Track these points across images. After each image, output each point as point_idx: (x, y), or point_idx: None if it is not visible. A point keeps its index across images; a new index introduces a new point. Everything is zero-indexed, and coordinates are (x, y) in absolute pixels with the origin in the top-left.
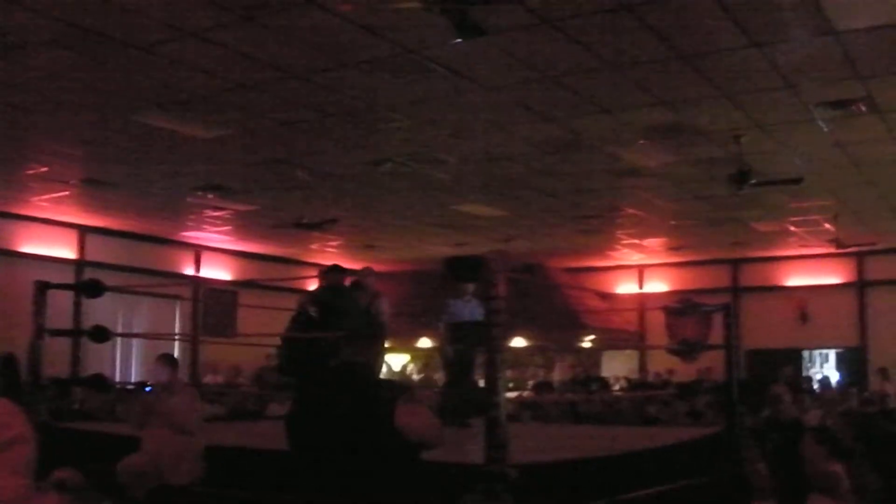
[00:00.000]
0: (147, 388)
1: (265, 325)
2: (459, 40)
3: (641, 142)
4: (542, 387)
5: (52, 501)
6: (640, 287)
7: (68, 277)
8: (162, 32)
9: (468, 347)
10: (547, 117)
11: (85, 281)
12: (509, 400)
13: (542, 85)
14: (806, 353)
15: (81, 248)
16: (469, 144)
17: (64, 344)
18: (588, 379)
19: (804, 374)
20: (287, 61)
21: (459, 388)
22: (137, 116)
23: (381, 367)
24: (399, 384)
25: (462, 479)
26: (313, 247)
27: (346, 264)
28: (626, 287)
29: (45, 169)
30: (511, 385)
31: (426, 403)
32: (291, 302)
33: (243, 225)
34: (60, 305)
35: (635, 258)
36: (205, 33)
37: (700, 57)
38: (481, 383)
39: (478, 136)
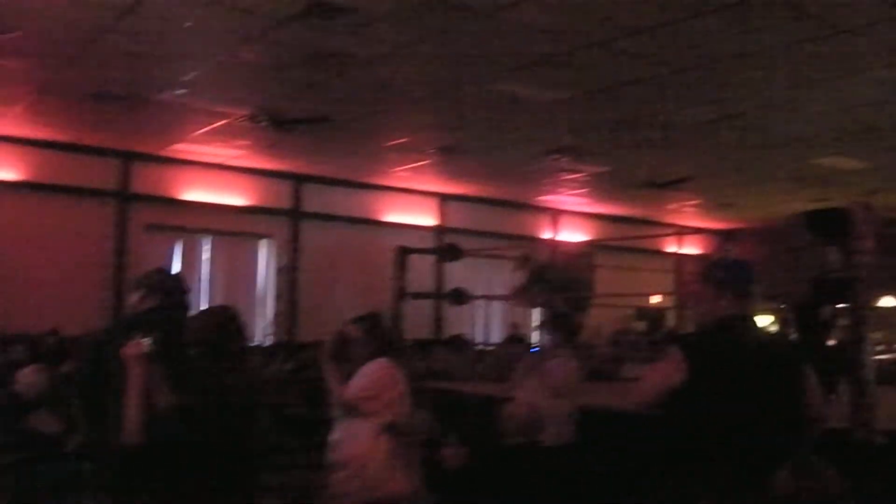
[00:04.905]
0: (532, 350)
1: (623, 287)
2: None
3: None
4: None
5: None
6: None
7: (429, 244)
8: None
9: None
10: None
11: (443, 246)
12: (878, 362)
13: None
14: None
15: (441, 215)
16: (824, 93)
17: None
18: None
19: None
20: (631, 17)
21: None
22: (487, 83)
23: None
24: None
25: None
26: (670, 207)
27: (703, 224)
28: None
29: (403, 140)
30: (880, 347)
31: None
32: (650, 263)
33: (598, 187)
34: (421, 271)
35: None
36: None
37: None
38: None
39: (832, 84)
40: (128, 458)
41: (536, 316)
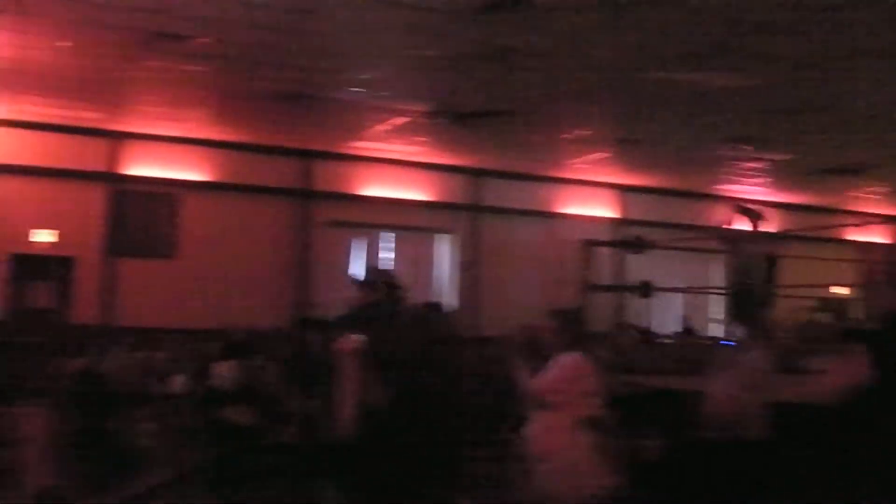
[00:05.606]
0: (723, 342)
1: (805, 277)
2: None
3: None
4: None
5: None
6: None
7: (606, 236)
8: None
9: None
10: None
11: (627, 238)
12: None
13: None
14: None
15: (619, 206)
16: None
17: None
18: None
19: None
20: (810, 1)
21: None
22: (663, 72)
23: None
24: None
25: None
26: (854, 194)
27: (891, 211)
28: None
29: (582, 132)
30: None
31: None
32: (832, 252)
33: (778, 175)
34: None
35: None
36: None
37: None
38: None
39: None
40: (339, 451)
41: (715, 308)
